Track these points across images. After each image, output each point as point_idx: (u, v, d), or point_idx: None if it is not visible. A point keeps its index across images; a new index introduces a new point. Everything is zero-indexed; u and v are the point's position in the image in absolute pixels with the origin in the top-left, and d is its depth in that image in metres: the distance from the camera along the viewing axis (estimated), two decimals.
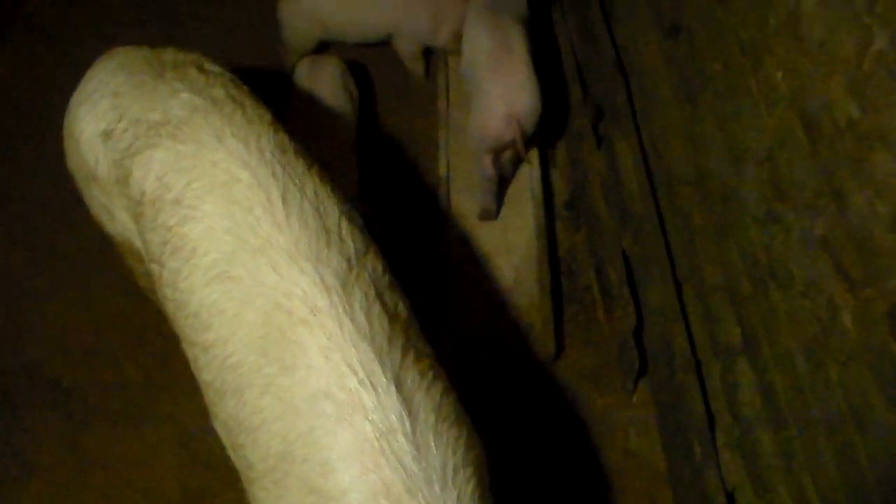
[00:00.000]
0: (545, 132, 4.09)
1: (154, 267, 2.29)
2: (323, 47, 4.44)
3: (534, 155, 3.90)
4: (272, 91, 4.18)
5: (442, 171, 3.89)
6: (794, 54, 2.19)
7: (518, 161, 3.72)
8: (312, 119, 3.72)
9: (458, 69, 4.05)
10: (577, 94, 3.95)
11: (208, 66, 2.57)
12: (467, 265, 3.60)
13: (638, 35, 3.48)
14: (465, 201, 3.82)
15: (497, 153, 3.57)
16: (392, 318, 1.98)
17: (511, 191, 3.84)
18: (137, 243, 2.44)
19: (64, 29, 4.81)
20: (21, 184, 4.00)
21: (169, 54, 2.60)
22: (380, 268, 2.11)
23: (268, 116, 2.37)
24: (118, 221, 2.56)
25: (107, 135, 2.43)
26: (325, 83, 3.88)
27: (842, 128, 1.97)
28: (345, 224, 2.13)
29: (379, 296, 2.00)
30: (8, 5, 4.83)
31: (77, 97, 2.61)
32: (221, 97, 2.36)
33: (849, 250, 1.97)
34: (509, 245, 3.68)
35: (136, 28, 4.76)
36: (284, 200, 2.08)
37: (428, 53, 4.42)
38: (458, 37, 4.07)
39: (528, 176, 3.86)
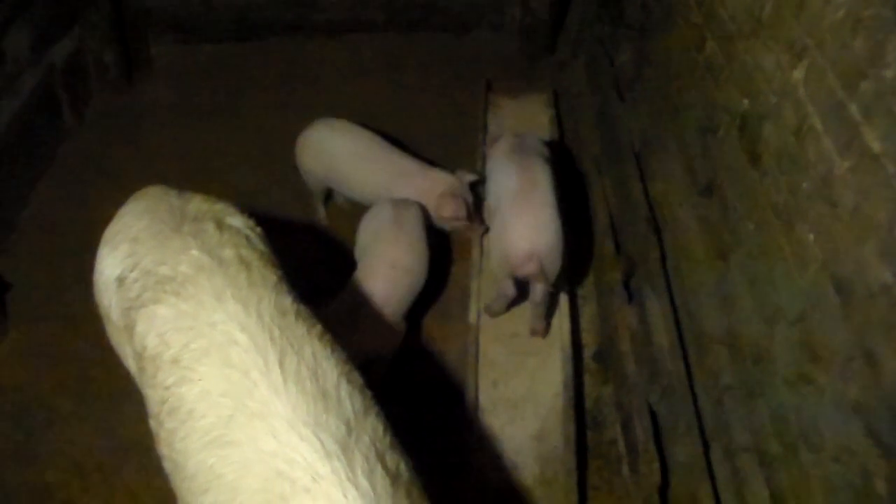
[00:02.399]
0: (575, 284, 4.12)
1: (153, 423, 2.29)
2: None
3: (564, 306, 3.93)
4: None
5: (472, 318, 3.91)
6: (827, 218, 2.22)
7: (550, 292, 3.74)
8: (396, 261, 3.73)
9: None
10: (609, 249, 3.99)
11: (230, 220, 2.63)
12: (493, 413, 3.57)
13: (672, 193, 3.54)
14: (494, 349, 3.83)
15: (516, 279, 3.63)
16: (394, 479, 1.95)
17: (539, 341, 3.85)
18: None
19: (110, 156, 4.98)
20: (57, 304, 4.07)
21: (194, 204, 2.66)
22: (380, 428, 2.09)
23: (273, 279, 2.40)
24: (129, 365, 2.59)
25: (120, 281, 2.48)
26: (411, 225, 3.88)
27: (875, 292, 1.98)
28: (344, 386, 2.12)
29: (380, 458, 1.98)
30: (58, 129, 5.03)
31: (106, 234, 2.68)
32: (229, 258, 2.40)
33: (882, 416, 1.95)
34: (536, 395, 3.66)
35: (175, 160, 4.93)
36: (282, 364, 2.08)
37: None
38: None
39: (557, 327, 3.87)
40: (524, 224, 3.59)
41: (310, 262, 4.05)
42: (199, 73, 5.74)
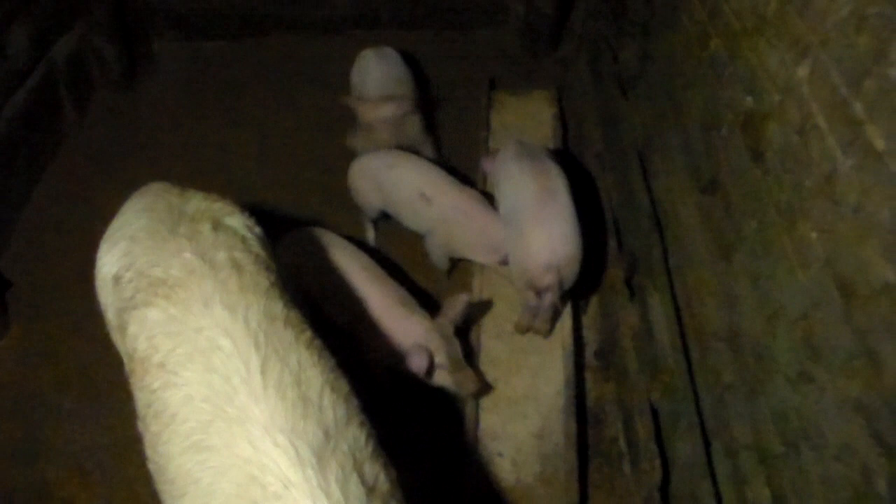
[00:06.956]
0: (578, 281, 4.11)
1: (140, 426, 2.29)
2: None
3: (566, 304, 3.92)
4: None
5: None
6: (830, 217, 2.21)
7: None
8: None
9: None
10: (612, 246, 3.98)
11: (228, 220, 2.61)
12: (494, 411, 3.57)
13: (675, 190, 3.53)
14: (495, 347, 3.82)
15: (537, 291, 3.58)
16: (370, 490, 1.94)
17: (541, 339, 3.84)
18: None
19: (112, 153, 4.98)
20: (58, 302, 4.07)
21: (193, 203, 2.64)
22: (362, 438, 2.08)
23: (265, 284, 2.37)
24: (125, 362, 2.59)
25: (116, 280, 2.47)
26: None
27: (877, 290, 1.97)
28: (327, 394, 2.11)
29: (357, 467, 1.97)
30: (60, 126, 5.03)
31: (107, 231, 2.67)
32: (221, 261, 2.37)
33: (884, 414, 1.94)
34: (537, 393, 3.65)
35: (178, 157, 4.95)
36: (263, 371, 2.07)
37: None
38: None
39: (559, 325, 3.86)
40: (544, 235, 3.53)
41: None
42: (201, 69, 5.74)
